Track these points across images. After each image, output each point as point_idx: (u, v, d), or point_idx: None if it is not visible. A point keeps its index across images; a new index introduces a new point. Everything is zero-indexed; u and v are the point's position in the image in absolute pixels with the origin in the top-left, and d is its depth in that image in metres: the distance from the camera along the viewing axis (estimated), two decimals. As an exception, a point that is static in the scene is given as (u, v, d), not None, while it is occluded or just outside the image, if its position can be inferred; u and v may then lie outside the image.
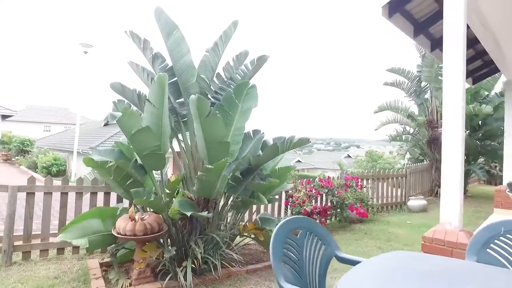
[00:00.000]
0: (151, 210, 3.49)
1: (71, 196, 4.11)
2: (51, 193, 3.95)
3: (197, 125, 3.21)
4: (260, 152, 3.94)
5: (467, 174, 10.08)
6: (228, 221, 4.01)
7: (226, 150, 3.41)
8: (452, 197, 3.13)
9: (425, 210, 7.83)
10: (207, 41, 4.41)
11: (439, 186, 9.76)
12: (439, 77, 9.74)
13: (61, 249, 4.01)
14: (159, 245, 3.44)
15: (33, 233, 3.92)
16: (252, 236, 3.95)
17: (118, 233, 3.23)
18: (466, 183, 10.15)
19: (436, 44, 5.45)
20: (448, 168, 3.17)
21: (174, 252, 3.25)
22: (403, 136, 10.82)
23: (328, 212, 6.11)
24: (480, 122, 9.55)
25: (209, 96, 4.12)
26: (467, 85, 8.22)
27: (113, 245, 3.50)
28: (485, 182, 12.49)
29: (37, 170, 15.65)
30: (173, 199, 3.61)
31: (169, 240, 3.59)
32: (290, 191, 5.62)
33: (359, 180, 6.67)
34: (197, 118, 3.12)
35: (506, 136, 7.12)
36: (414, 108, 10.79)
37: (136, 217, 3.22)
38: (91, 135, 20.85)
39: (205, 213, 3.17)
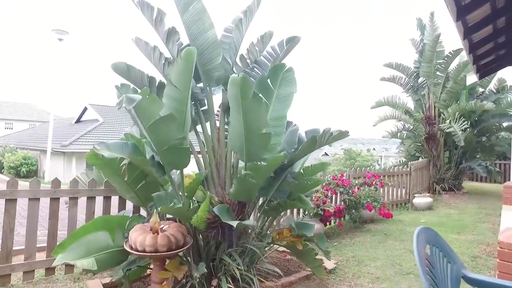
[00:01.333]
0: (167, 217, 2.84)
1: (63, 202, 3.34)
2: (38, 199, 3.18)
3: (235, 112, 2.60)
4: (295, 146, 3.37)
5: (462, 171, 10.04)
6: (259, 227, 3.41)
7: (265, 143, 2.82)
8: (531, 197, 2.72)
9: (430, 208, 7.59)
10: (221, 21, 3.80)
11: (437, 183, 9.65)
12: (438, 73, 9.62)
13: (50, 268, 3.24)
14: (182, 261, 2.80)
15: (14, 248, 3.13)
16: (285, 244, 3.38)
17: (133, 249, 2.56)
18: (461, 180, 10.12)
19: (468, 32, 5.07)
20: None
21: (206, 270, 2.62)
22: (404, 133, 10.63)
23: (342, 213, 5.66)
24: (476, 119, 9.50)
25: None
26: (474, 79, 8.07)
27: (124, 262, 2.80)
28: (473, 179, 12.63)
29: (2, 170, 14.17)
30: (191, 203, 2.98)
31: (192, 254, 2.94)
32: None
33: (380, 177, 6.25)
34: (238, 103, 2.51)
35: (514, 131, 6.96)
36: (411, 104, 10.63)
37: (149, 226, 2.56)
38: (62, 133, 19.36)
39: (250, 221, 2.56)
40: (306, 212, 5.07)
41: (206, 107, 3.47)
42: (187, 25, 3.20)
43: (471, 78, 8.64)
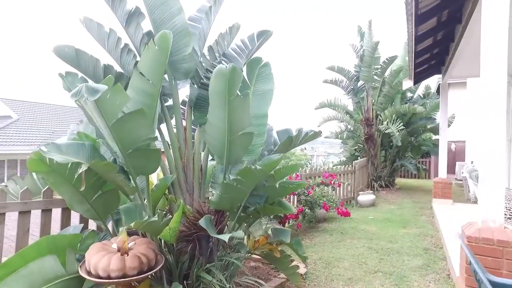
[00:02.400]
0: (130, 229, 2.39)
1: (10, 217, 2.63)
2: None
3: (218, 109, 2.28)
4: (273, 147, 3.15)
5: (396, 169, 10.91)
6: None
7: (247, 144, 2.55)
8: (495, 193, 2.90)
9: (373, 205, 8.04)
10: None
11: (375, 181, 10.32)
12: (375, 77, 10.30)
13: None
14: (152, 283, 2.38)
15: None
16: (262, 252, 3.14)
17: (92, 274, 2.08)
18: (394, 177, 10.99)
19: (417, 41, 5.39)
20: (489, 163, 2.93)
21: (184, 292, 2.25)
22: (345, 134, 11.16)
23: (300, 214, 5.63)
24: (407, 121, 10.40)
25: (200, 74, 3.16)
26: (410, 84, 8.78)
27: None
28: (402, 175, 13.88)
29: None
30: (162, 215, 2.56)
31: (164, 273, 2.52)
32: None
33: (337, 177, 6.35)
34: (223, 99, 2.19)
35: (441, 132, 7.74)
36: (352, 107, 11.22)
37: (116, 246, 2.12)
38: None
39: (240, 233, 2.24)
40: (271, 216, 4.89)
41: (171, 103, 3.06)
42: (150, 8, 2.78)
43: (406, 83, 9.42)
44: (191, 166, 3.04)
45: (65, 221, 2.91)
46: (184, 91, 3.33)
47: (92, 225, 3.05)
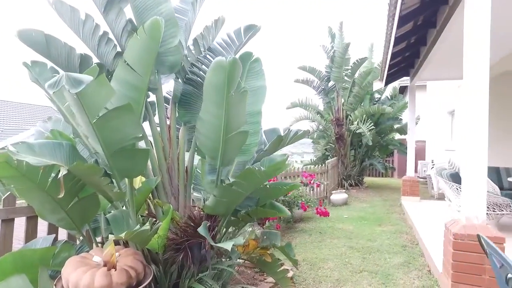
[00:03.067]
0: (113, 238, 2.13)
1: None
2: None
3: (214, 105, 2.10)
4: (263, 147, 3.01)
5: (365, 168, 11.23)
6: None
7: (241, 144, 2.39)
8: (477, 191, 2.98)
9: (346, 203, 8.18)
10: None
11: (345, 180, 10.54)
12: (346, 78, 10.52)
13: None
14: (139, 298, 2.14)
15: None
16: (251, 257, 2.99)
17: (72, 293, 1.81)
18: (363, 176, 11.31)
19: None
20: (473, 165, 3.01)
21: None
22: (315, 134, 11.28)
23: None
24: (375, 121, 10.74)
25: (186, 69, 2.94)
26: (380, 86, 9.04)
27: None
28: (369, 174, 14.34)
29: None
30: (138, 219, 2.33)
31: (152, 285, 2.29)
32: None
33: (316, 177, 6.33)
34: (221, 94, 2.02)
35: (409, 132, 8.05)
36: (323, 106, 11.37)
37: (99, 260, 1.87)
38: None
39: (240, 240, 2.07)
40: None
41: (153, 99, 2.82)
42: (133, -6, 2.52)
43: (377, 84, 9.70)
44: (176, 167, 2.82)
45: (31, 232, 2.56)
46: (166, 87, 3.10)
47: (62, 234, 2.73)
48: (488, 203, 4.77)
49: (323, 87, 11.08)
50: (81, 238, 2.43)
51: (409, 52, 6.32)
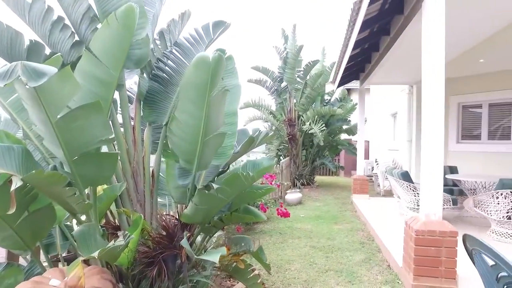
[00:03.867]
0: (63, 255, 1.86)
1: None
2: None
3: (193, 105, 1.92)
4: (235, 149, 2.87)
5: (316, 167, 11.60)
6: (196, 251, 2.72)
7: (219, 146, 2.25)
8: (434, 190, 3.19)
9: (301, 203, 8.36)
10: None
11: (297, 179, 10.79)
12: (298, 79, 10.77)
13: None
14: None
15: None
16: (222, 264, 2.84)
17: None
18: (314, 175, 11.68)
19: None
20: (429, 164, 3.21)
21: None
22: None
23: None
24: (325, 122, 11.16)
25: (152, 64, 2.70)
26: (333, 88, 9.38)
27: None
28: (318, 173, 14.87)
29: None
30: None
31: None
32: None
33: (276, 177, 6.31)
34: (203, 93, 1.85)
35: (359, 133, 8.49)
36: (275, 107, 11.49)
37: (58, 283, 1.60)
38: None
39: (223, 249, 1.90)
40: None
41: (116, 97, 2.53)
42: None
43: (329, 87, 10.06)
44: (141, 172, 2.57)
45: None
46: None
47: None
48: (432, 199, 5.19)
49: (276, 88, 11.21)
50: (28, 257, 2.08)
51: (361, 57, 6.63)
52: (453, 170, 6.81)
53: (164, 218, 2.28)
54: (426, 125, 3.31)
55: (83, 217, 2.06)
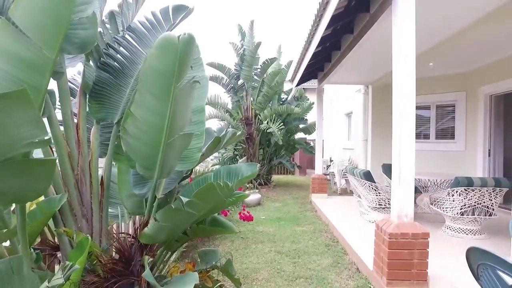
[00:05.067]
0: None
1: None
2: None
3: (155, 98, 1.55)
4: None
5: (273, 167, 11.50)
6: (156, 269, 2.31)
7: (184, 148, 1.90)
8: (406, 192, 3.13)
9: (260, 204, 8.16)
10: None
11: (255, 179, 10.59)
12: (255, 77, 10.56)
13: None
14: None
15: None
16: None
17: None
18: (271, 175, 11.58)
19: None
20: (401, 163, 3.15)
21: None
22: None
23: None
24: (283, 121, 11.10)
25: (100, 50, 2.25)
26: (291, 86, 9.29)
27: None
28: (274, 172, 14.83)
29: None
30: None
31: None
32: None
33: None
34: (169, 83, 1.49)
35: (318, 132, 8.52)
36: (232, 105, 11.16)
37: None
38: None
39: (195, 276, 1.54)
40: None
41: (53, 87, 2.05)
42: None
43: (287, 85, 9.98)
44: (87, 180, 2.12)
45: None
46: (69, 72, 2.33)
47: None
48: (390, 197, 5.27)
49: (232, 85, 10.89)
50: None
51: (322, 56, 6.58)
52: (406, 168, 7.07)
53: (117, 236, 1.86)
54: (396, 125, 3.24)
55: (7, 243, 1.59)
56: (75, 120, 2.15)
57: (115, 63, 2.33)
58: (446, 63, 6.56)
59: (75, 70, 2.78)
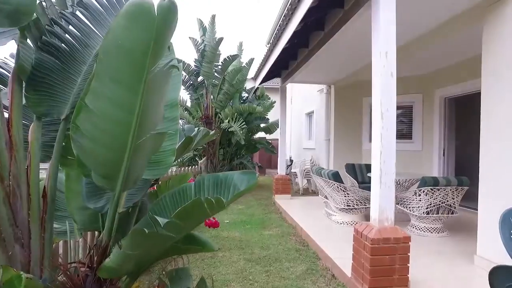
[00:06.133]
0: None
1: None
2: None
3: (124, 86, 1.17)
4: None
5: (234, 167, 11.17)
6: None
7: (154, 152, 1.52)
8: (387, 195, 3.01)
9: (222, 205, 7.78)
10: None
11: (215, 180, 10.20)
12: (216, 74, 10.15)
13: None
14: None
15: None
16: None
17: None
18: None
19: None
20: (382, 166, 3.02)
21: None
22: (186, 131, 10.38)
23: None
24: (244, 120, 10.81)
25: (41, 26, 1.77)
26: (253, 85, 9.01)
27: None
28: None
29: None
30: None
31: None
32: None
33: None
34: (140, 66, 1.12)
35: (281, 132, 8.37)
36: (191, 103, 10.63)
37: None
38: None
39: None
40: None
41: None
42: None
43: (250, 83, 9.69)
44: (23, 192, 1.65)
45: None
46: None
47: None
48: (359, 198, 5.24)
49: (191, 82, 10.38)
50: None
51: (288, 53, 6.40)
52: (368, 168, 7.16)
53: (64, 266, 1.43)
54: (376, 125, 3.11)
55: None
56: (7, 115, 1.66)
57: (63, 44, 1.86)
58: (405, 66, 6.73)
59: (6, 51, 2.25)
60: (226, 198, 1.50)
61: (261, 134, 12.34)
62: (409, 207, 4.84)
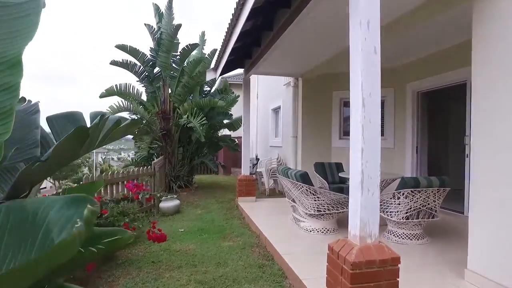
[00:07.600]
0: None
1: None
2: None
3: None
4: (39, 150, 1.31)
5: (195, 167, 10.29)
6: None
7: None
8: (371, 203, 2.37)
9: (179, 211, 6.92)
10: None
11: (173, 181, 9.25)
12: (174, 65, 9.21)
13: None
14: None
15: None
16: None
17: None
18: (193, 176, 10.36)
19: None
20: (364, 168, 2.37)
21: None
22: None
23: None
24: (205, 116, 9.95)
25: None
26: (214, 76, 8.17)
27: None
28: (198, 172, 13.57)
29: None
30: None
31: None
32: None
33: (144, 187, 4.63)
34: None
35: (244, 129, 7.64)
36: (146, 97, 9.58)
37: None
38: None
39: None
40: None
41: None
42: None
43: (210, 75, 8.84)
44: None
45: None
46: None
47: None
48: (331, 202, 4.63)
49: (147, 74, 9.34)
50: None
51: (250, 39, 5.66)
52: (339, 167, 6.63)
53: None
54: (356, 115, 2.46)
55: None
56: None
57: None
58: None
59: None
60: (28, 255, 0.73)
61: (226, 132, 11.57)
62: (387, 212, 4.29)
